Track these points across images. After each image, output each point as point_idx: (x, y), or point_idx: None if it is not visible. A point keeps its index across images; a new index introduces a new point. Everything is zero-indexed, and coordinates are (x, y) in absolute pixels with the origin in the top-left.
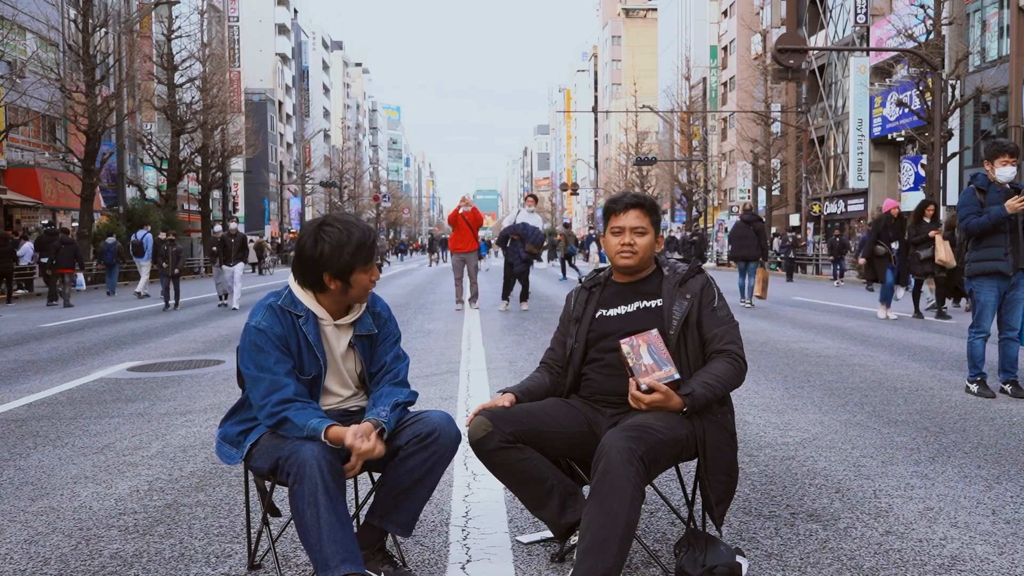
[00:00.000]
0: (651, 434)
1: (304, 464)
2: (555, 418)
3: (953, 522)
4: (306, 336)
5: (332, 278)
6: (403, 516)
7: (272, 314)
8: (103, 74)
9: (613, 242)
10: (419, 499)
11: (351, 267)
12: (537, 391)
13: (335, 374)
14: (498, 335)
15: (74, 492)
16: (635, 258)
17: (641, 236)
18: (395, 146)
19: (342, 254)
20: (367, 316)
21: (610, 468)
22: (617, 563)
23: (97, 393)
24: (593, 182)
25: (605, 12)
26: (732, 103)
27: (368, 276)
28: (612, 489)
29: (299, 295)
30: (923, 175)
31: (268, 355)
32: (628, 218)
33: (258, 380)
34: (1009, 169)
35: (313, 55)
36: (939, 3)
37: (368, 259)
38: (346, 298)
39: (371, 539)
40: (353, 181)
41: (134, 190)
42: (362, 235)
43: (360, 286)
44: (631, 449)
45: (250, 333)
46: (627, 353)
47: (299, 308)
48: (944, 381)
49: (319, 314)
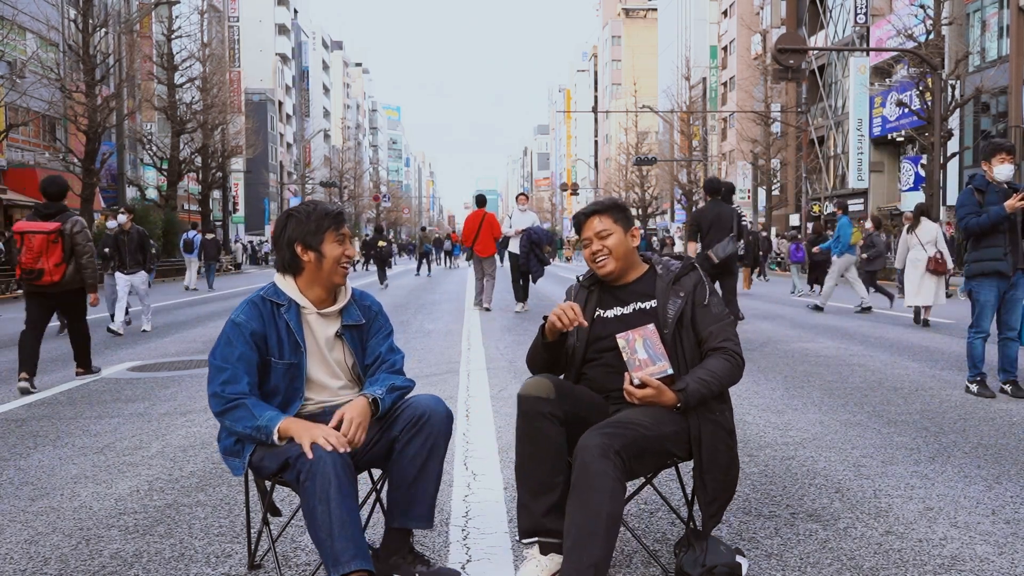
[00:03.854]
0: (632, 429)
1: (317, 460)
2: (596, 415)
3: (953, 522)
4: (287, 323)
5: (304, 249)
6: (420, 508)
7: (253, 307)
8: (103, 74)
9: (587, 254)
10: (430, 486)
11: (319, 234)
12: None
13: (321, 363)
14: (498, 335)
15: (74, 492)
16: (610, 260)
17: (607, 238)
18: (395, 146)
19: (309, 221)
20: (354, 306)
21: (586, 464)
22: (604, 555)
23: (97, 393)
24: (593, 182)
25: (605, 12)
26: (732, 103)
27: (341, 249)
28: (590, 485)
29: (281, 285)
30: (923, 175)
31: (235, 349)
32: (590, 227)
33: (220, 370)
34: (1006, 167)
35: (313, 55)
36: (939, 3)
37: (337, 228)
38: (321, 274)
39: (398, 543)
40: (353, 181)
41: (134, 190)
42: (328, 206)
43: (332, 257)
44: (605, 444)
45: (227, 327)
46: (623, 347)
47: (281, 298)
48: (944, 381)
49: (301, 303)
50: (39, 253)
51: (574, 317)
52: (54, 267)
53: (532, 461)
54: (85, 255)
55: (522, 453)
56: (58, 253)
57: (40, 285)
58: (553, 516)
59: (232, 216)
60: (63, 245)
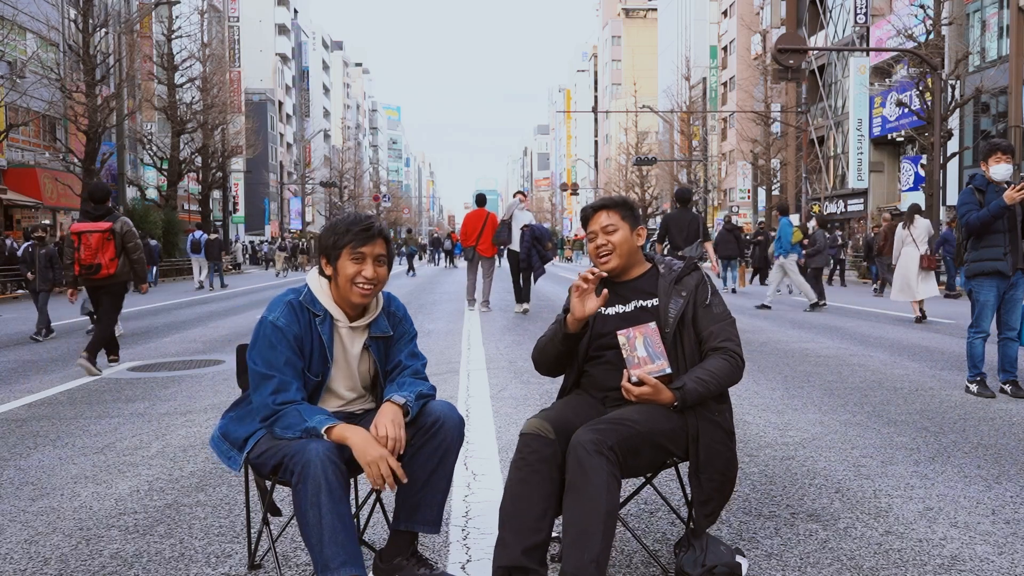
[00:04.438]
0: (625, 426)
1: (308, 464)
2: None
3: (953, 522)
4: (320, 337)
5: (327, 262)
6: (427, 512)
7: (291, 311)
8: (103, 74)
9: (591, 248)
10: (439, 491)
11: (338, 249)
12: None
13: (346, 376)
14: (498, 335)
15: (74, 492)
16: (613, 257)
17: (613, 233)
18: (395, 146)
19: (334, 233)
20: (382, 317)
21: (580, 462)
22: (603, 549)
23: (97, 393)
24: (593, 182)
25: (605, 12)
26: (732, 103)
27: (356, 268)
28: (586, 481)
29: (317, 292)
30: (923, 175)
31: (280, 354)
32: (597, 221)
33: (266, 378)
34: (1005, 167)
35: (313, 55)
36: (939, 3)
37: (356, 245)
38: (340, 290)
39: (402, 545)
40: (353, 181)
41: (134, 190)
42: (358, 218)
43: (345, 276)
44: (598, 440)
45: (266, 328)
46: (623, 344)
47: (317, 307)
48: (944, 381)
49: (336, 315)
50: (96, 250)
51: (594, 276)
52: (109, 261)
53: (521, 503)
54: (135, 251)
55: (512, 493)
56: (111, 249)
57: (98, 279)
58: (531, 555)
59: (232, 216)
60: (115, 242)
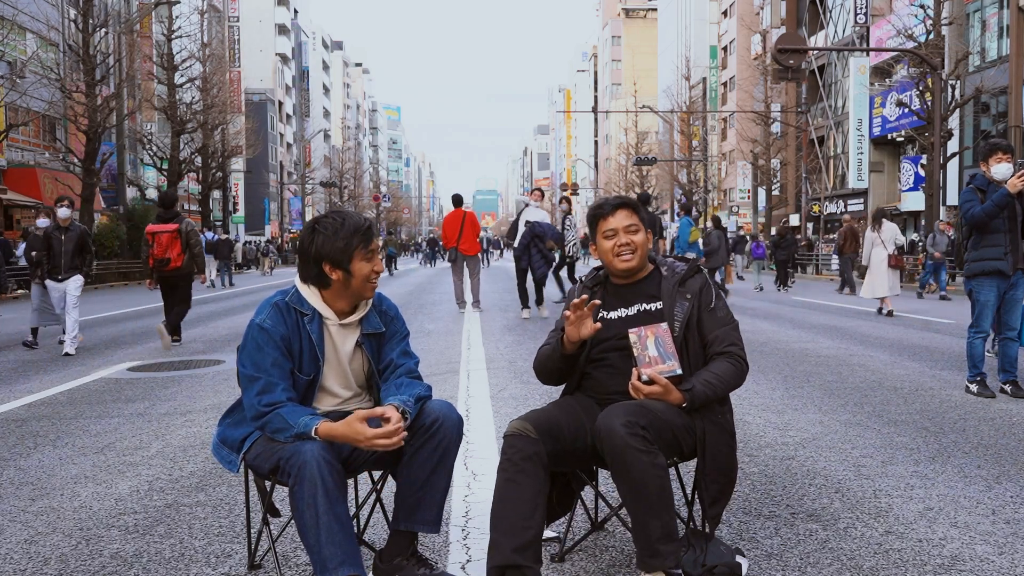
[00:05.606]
0: (649, 410)
1: (304, 465)
2: (580, 442)
3: (953, 522)
4: (310, 336)
5: (333, 268)
6: (427, 512)
7: (277, 312)
8: (103, 74)
9: (608, 246)
10: (438, 491)
11: (349, 253)
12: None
13: (338, 375)
14: (498, 335)
15: (74, 492)
16: (635, 257)
17: (635, 233)
18: (395, 146)
19: (338, 239)
20: (373, 314)
21: (616, 448)
22: (666, 522)
23: (97, 393)
24: (593, 182)
25: (605, 12)
26: (732, 103)
27: (370, 265)
28: (627, 466)
29: (305, 294)
30: (923, 175)
31: (267, 355)
32: (618, 219)
33: (253, 380)
34: (1004, 166)
35: (313, 55)
36: (939, 3)
37: (366, 245)
38: (349, 291)
39: (402, 545)
40: (353, 181)
41: (134, 190)
42: (357, 221)
43: (361, 275)
44: (630, 422)
45: (253, 331)
46: (634, 342)
47: (305, 307)
48: (944, 381)
49: (325, 314)
50: (166, 247)
51: (582, 312)
52: (177, 256)
53: (509, 503)
54: (197, 247)
55: (500, 495)
56: (178, 246)
57: (168, 271)
58: (523, 553)
59: (232, 216)
60: (181, 241)
